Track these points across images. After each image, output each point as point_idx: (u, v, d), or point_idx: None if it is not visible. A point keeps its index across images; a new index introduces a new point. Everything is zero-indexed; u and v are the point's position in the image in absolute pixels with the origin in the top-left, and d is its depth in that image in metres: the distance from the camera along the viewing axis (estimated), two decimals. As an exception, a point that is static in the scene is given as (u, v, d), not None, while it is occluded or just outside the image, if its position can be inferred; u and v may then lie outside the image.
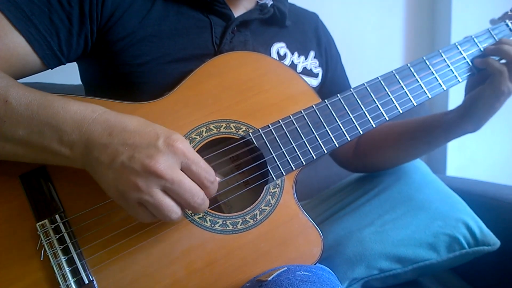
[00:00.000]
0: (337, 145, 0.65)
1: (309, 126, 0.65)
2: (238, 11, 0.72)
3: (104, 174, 0.48)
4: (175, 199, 0.49)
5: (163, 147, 0.47)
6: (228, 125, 0.62)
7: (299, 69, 0.77)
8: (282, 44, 0.76)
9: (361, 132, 0.67)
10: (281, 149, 0.63)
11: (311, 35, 0.83)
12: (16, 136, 0.50)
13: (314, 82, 0.80)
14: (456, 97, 1.41)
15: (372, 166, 0.92)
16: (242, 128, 0.63)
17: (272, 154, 0.62)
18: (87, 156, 0.49)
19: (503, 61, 0.73)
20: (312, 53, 0.80)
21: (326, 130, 0.65)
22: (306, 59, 0.79)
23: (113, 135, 0.48)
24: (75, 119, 0.49)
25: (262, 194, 0.61)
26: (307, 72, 0.79)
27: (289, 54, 0.76)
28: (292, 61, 0.76)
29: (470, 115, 0.75)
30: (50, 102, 0.50)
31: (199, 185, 0.50)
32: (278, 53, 0.75)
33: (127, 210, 0.50)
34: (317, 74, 0.81)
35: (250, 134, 0.62)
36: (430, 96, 0.71)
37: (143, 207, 0.48)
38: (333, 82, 0.86)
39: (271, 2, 0.75)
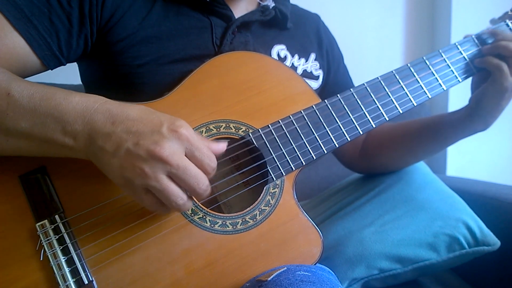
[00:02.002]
0: (337, 146, 0.65)
1: (309, 127, 0.65)
2: (238, 12, 0.72)
3: (109, 163, 0.48)
4: (180, 185, 0.49)
5: (168, 133, 0.48)
6: (228, 125, 0.62)
7: (299, 71, 0.77)
8: (283, 46, 0.76)
9: (361, 133, 0.67)
10: (281, 150, 0.63)
11: (313, 37, 0.83)
12: (19, 128, 0.50)
13: (315, 84, 0.80)
14: (456, 97, 1.41)
15: (378, 167, 0.92)
16: (242, 128, 0.63)
17: (272, 154, 0.62)
18: (91, 145, 0.49)
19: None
20: (312, 56, 0.80)
21: (326, 131, 0.65)
22: (306, 61, 0.79)
23: (117, 123, 0.49)
24: (77, 109, 0.50)
25: (262, 195, 0.61)
26: (307, 74, 0.78)
27: (289, 56, 0.76)
28: (293, 63, 0.76)
29: (477, 114, 0.75)
30: (52, 94, 0.51)
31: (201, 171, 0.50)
32: (278, 55, 0.75)
33: (134, 197, 0.50)
34: (318, 76, 0.81)
35: (250, 134, 0.62)
36: (430, 96, 0.71)
37: (150, 193, 0.49)
38: (335, 82, 0.86)
39: (272, 4, 0.75)
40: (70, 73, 0.83)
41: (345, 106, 0.67)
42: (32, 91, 0.50)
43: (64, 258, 0.52)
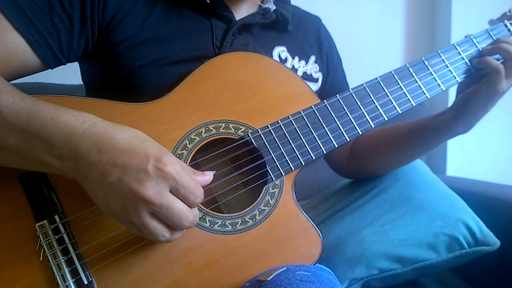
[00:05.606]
0: (336, 146, 0.65)
1: (308, 127, 0.65)
2: (239, 14, 0.72)
3: (94, 192, 0.48)
4: (164, 222, 0.48)
5: (153, 171, 0.46)
6: (227, 125, 0.62)
7: (299, 73, 0.77)
8: (283, 48, 0.76)
9: (360, 133, 0.67)
10: (280, 150, 0.63)
11: (313, 40, 0.83)
12: (7, 144, 0.49)
13: (314, 87, 0.80)
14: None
15: (366, 171, 0.91)
16: (241, 128, 0.63)
17: (271, 154, 0.62)
18: (76, 170, 0.49)
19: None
20: (312, 58, 0.80)
21: (325, 131, 0.65)
22: (306, 63, 0.79)
23: (102, 152, 0.47)
24: (64, 132, 0.48)
25: (261, 195, 0.61)
26: (307, 77, 0.79)
27: (290, 58, 0.76)
28: (293, 65, 0.76)
29: (462, 115, 0.75)
30: (39, 112, 0.49)
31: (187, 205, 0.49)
32: (279, 57, 0.75)
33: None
34: (317, 79, 0.81)
35: (249, 134, 0.62)
36: (429, 97, 0.71)
37: (134, 224, 0.48)
38: (332, 87, 0.86)
39: (274, 7, 0.75)
40: (70, 73, 0.83)
41: (344, 106, 0.67)
42: (20, 108, 0.49)
43: (63, 258, 0.52)
